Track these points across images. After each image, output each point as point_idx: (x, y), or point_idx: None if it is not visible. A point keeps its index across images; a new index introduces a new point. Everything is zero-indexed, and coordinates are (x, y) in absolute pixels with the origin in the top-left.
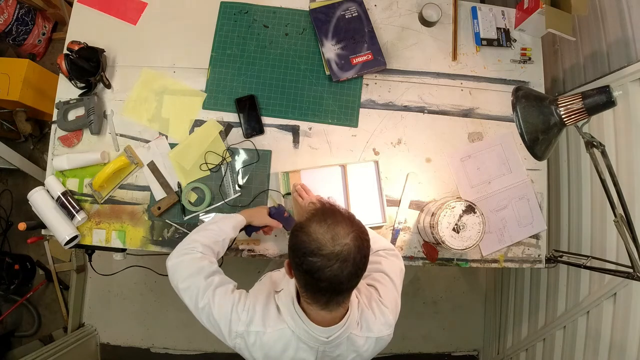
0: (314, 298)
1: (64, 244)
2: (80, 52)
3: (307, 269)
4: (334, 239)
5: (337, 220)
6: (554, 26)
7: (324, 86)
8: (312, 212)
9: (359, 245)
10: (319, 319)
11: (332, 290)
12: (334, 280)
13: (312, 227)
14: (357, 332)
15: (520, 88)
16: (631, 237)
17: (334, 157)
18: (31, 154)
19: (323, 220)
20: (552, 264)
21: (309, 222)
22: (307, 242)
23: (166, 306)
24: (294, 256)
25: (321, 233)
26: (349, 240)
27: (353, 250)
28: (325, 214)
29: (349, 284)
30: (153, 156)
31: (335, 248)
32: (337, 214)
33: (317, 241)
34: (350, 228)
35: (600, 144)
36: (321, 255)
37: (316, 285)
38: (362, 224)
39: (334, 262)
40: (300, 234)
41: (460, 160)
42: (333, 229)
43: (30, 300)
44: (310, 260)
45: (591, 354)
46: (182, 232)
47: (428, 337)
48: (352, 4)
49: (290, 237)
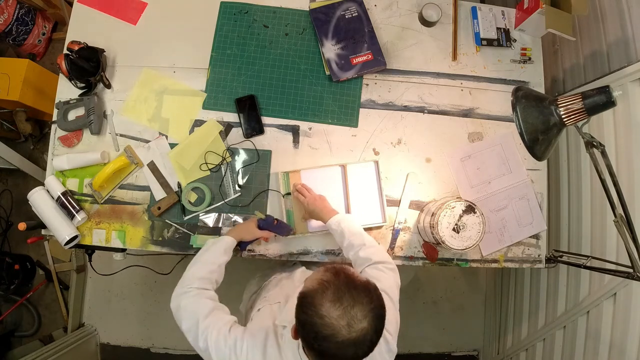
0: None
1: (64, 244)
2: (80, 52)
3: (318, 352)
4: (350, 325)
5: (354, 298)
6: (554, 26)
7: (324, 86)
8: (325, 283)
9: (376, 325)
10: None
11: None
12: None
13: (325, 308)
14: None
15: (520, 88)
16: (631, 237)
17: (334, 157)
18: (31, 154)
19: (338, 300)
20: (552, 264)
21: (321, 298)
22: (320, 325)
23: (166, 306)
24: (303, 333)
25: (336, 318)
26: (366, 323)
27: (370, 333)
28: (340, 290)
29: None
30: (153, 156)
31: (352, 335)
32: (352, 288)
33: (331, 327)
34: (369, 306)
35: (600, 144)
36: (335, 342)
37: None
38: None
39: (349, 349)
40: (312, 313)
41: (460, 160)
42: (349, 312)
43: (30, 300)
44: (323, 345)
45: (591, 354)
46: (182, 232)
47: (428, 337)
48: (352, 4)
49: (299, 308)
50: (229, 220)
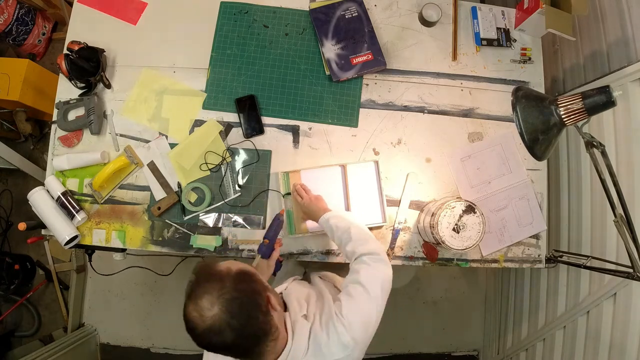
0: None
1: (64, 244)
2: (80, 52)
3: (199, 346)
4: (201, 315)
5: (204, 289)
6: (554, 26)
7: (324, 86)
8: (188, 284)
9: (229, 309)
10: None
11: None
12: (227, 348)
13: (185, 307)
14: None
15: (520, 88)
16: (631, 237)
17: (334, 157)
18: (31, 154)
19: (192, 294)
20: (552, 264)
21: (186, 297)
22: (186, 322)
23: (166, 306)
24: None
25: (190, 311)
26: (217, 309)
27: (224, 318)
28: (194, 285)
29: (246, 345)
30: (153, 156)
31: (206, 323)
32: (205, 280)
33: (189, 322)
34: (218, 292)
35: (600, 144)
36: (198, 334)
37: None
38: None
39: (211, 336)
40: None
41: (460, 160)
42: (198, 303)
43: (30, 300)
44: (194, 339)
45: (591, 354)
46: (182, 232)
47: (428, 337)
48: (352, 4)
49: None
50: (229, 220)
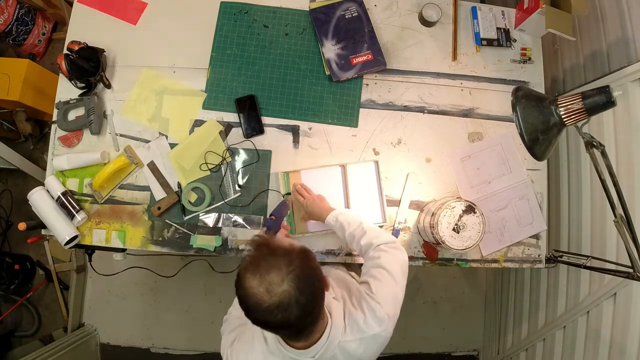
0: (284, 336)
1: (64, 244)
2: (80, 52)
3: (256, 322)
4: (269, 290)
5: (270, 264)
6: (554, 26)
7: (324, 86)
8: (248, 259)
9: (299, 285)
10: (301, 347)
11: (291, 332)
12: (286, 326)
13: (247, 280)
14: (346, 338)
15: (520, 88)
16: (631, 237)
17: (334, 157)
18: (31, 154)
19: (256, 269)
20: (552, 264)
21: (244, 272)
22: (245, 297)
23: (166, 306)
24: (242, 308)
25: (255, 286)
26: (285, 285)
27: (294, 295)
28: (257, 259)
29: (305, 323)
30: (153, 156)
31: (273, 300)
32: (269, 255)
33: (254, 297)
34: (287, 268)
35: (600, 144)
36: (261, 310)
37: (275, 331)
38: (305, 253)
39: (276, 313)
40: (238, 287)
41: (460, 160)
42: (266, 279)
43: (30, 300)
44: (254, 315)
45: (591, 354)
46: (182, 232)
47: (428, 337)
48: (352, 4)
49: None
50: (229, 220)
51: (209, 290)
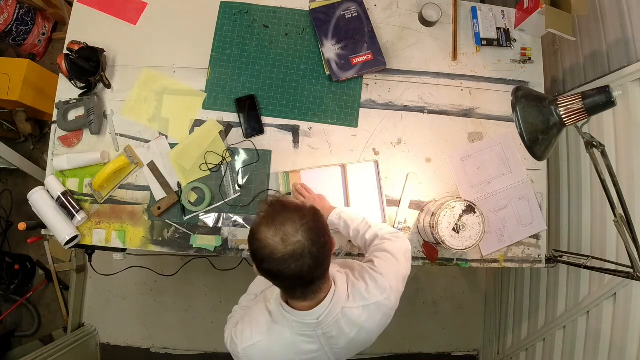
0: (289, 294)
1: (64, 244)
2: (80, 52)
3: (269, 274)
4: (284, 240)
5: (285, 217)
6: (554, 26)
7: (324, 86)
8: (262, 214)
9: (311, 237)
10: (305, 308)
11: (299, 284)
12: (296, 277)
13: (262, 232)
14: (349, 305)
15: (520, 88)
16: (631, 237)
17: (334, 157)
18: (31, 154)
19: (271, 222)
20: (552, 264)
21: (259, 226)
22: (260, 248)
23: (166, 306)
24: (255, 263)
25: (271, 237)
26: (299, 236)
27: (307, 245)
28: (272, 214)
29: (315, 274)
30: (153, 156)
31: (288, 249)
32: (283, 210)
33: (269, 247)
34: (300, 222)
35: (600, 144)
36: (276, 259)
37: (283, 284)
38: (315, 209)
39: (290, 262)
40: (253, 240)
41: (460, 160)
42: (281, 229)
43: (30, 300)
44: (268, 266)
45: (591, 354)
46: (182, 232)
47: (428, 337)
48: (352, 4)
49: (248, 243)
50: (229, 220)
51: (209, 290)
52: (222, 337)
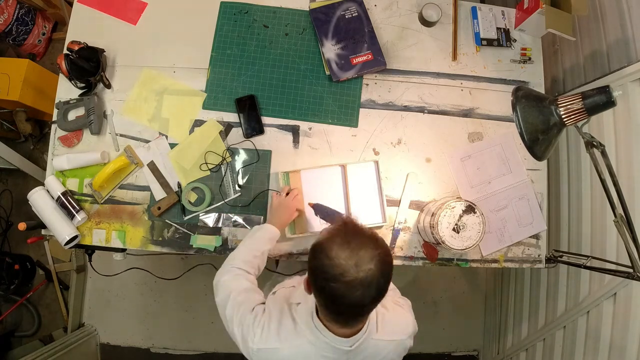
0: (334, 319)
1: (64, 244)
2: (80, 52)
3: (329, 294)
4: (358, 265)
5: (361, 242)
6: (554, 26)
7: (324, 86)
8: (334, 232)
9: (382, 269)
10: (339, 333)
11: (353, 313)
12: (356, 306)
13: (335, 250)
14: (377, 337)
15: (520, 88)
16: (631, 237)
17: (334, 157)
18: (31, 154)
19: (346, 243)
20: (552, 264)
21: (331, 243)
22: (329, 266)
23: (166, 306)
24: (314, 278)
25: (344, 258)
26: (373, 265)
27: (377, 275)
28: (348, 235)
29: (371, 307)
30: (153, 156)
31: (359, 275)
32: (360, 234)
33: (340, 267)
34: (375, 251)
35: (600, 144)
36: (344, 282)
37: (337, 309)
38: (386, 244)
39: (358, 289)
40: (322, 256)
41: (460, 160)
42: (357, 253)
43: (30, 300)
44: (333, 286)
45: (591, 354)
46: (182, 232)
47: (428, 337)
48: (352, 4)
49: (311, 256)
50: (229, 220)
51: (209, 290)
52: (222, 337)
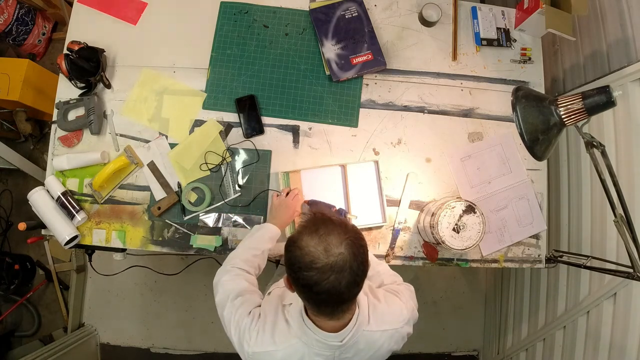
0: (318, 310)
1: (64, 244)
2: (80, 52)
3: (304, 284)
4: (327, 250)
5: (329, 229)
6: (554, 26)
7: (324, 86)
8: (304, 224)
9: (354, 252)
10: (328, 328)
11: (333, 301)
12: (332, 292)
13: (304, 240)
14: (370, 328)
15: (520, 88)
16: (631, 237)
17: (334, 157)
18: (31, 154)
19: (314, 231)
20: (552, 264)
21: (301, 234)
22: (300, 256)
23: (166, 306)
24: (290, 271)
25: (313, 245)
26: (342, 248)
27: (349, 259)
28: (316, 224)
29: (350, 293)
30: (153, 156)
31: (330, 259)
32: (328, 222)
33: (310, 254)
34: (344, 235)
35: (600, 144)
36: (316, 268)
37: (316, 298)
38: (358, 229)
39: (329, 274)
40: (293, 248)
41: (460, 160)
42: (325, 239)
43: (30, 300)
44: (306, 274)
45: (591, 354)
46: (182, 232)
47: (428, 337)
48: (352, 4)
49: (285, 251)
50: (229, 220)
51: (209, 290)
52: (222, 337)
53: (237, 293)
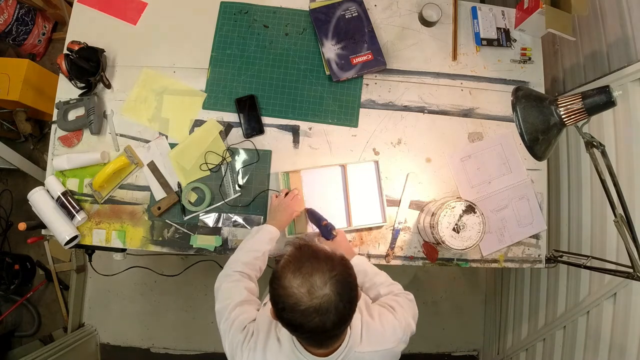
0: (306, 342)
1: (64, 244)
2: (80, 52)
3: (289, 324)
4: (311, 292)
5: (314, 267)
6: (554, 26)
7: (324, 86)
8: (288, 258)
9: (339, 291)
10: (319, 353)
11: (319, 338)
12: (318, 331)
13: (287, 279)
14: (361, 349)
15: (520, 88)
16: (631, 237)
17: (334, 157)
18: (31, 154)
19: (298, 270)
20: (552, 264)
21: (284, 271)
22: (284, 296)
23: (166, 306)
24: (274, 307)
25: (296, 287)
26: (327, 289)
27: (334, 300)
28: (300, 260)
29: (337, 330)
30: (153, 156)
31: (313, 302)
32: (313, 258)
33: (294, 296)
34: (330, 273)
35: (600, 144)
36: (299, 311)
37: (302, 336)
38: (345, 261)
39: (314, 316)
40: (277, 286)
41: (460, 160)
42: (309, 280)
43: (30, 300)
44: (290, 315)
45: (591, 354)
46: (182, 232)
47: (428, 337)
48: (352, 4)
49: (269, 286)
50: (229, 220)
51: (209, 290)
52: None
53: (236, 304)
